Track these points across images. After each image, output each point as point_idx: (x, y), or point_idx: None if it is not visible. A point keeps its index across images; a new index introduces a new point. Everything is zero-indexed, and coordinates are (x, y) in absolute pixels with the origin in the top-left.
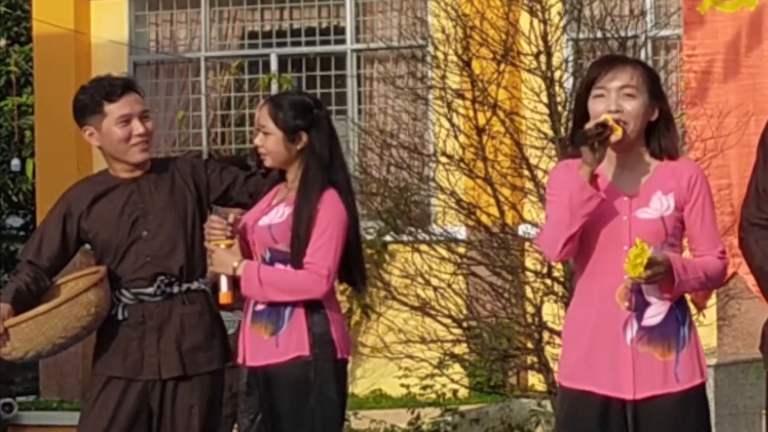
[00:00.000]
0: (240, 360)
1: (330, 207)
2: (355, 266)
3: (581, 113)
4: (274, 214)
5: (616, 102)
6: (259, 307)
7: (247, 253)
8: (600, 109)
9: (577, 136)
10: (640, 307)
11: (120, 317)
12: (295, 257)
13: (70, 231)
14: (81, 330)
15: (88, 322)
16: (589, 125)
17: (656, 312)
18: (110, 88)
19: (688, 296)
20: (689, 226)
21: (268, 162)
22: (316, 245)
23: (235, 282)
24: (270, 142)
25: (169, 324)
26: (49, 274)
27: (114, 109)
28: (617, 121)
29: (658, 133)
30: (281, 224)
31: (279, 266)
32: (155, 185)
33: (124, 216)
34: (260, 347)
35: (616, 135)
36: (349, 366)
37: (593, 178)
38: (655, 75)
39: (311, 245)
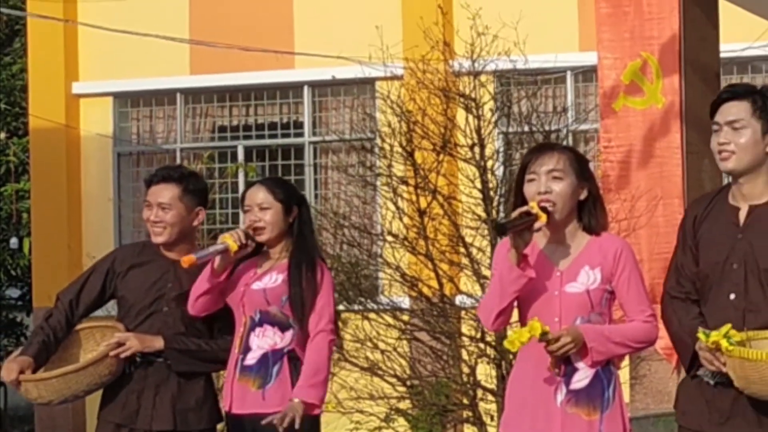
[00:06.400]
0: (226, 407)
1: (327, 275)
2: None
3: (518, 196)
4: (268, 279)
5: (545, 184)
6: (249, 362)
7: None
8: (532, 191)
9: (497, 226)
10: (569, 372)
11: (127, 371)
12: (300, 321)
13: (108, 286)
14: (99, 385)
15: (107, 379)
16: (514, 213)
17: (583, 377)
18: (152, 176)
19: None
20: (618, 296)
21: (265, 234)
22: (322, 310)
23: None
24: (269, 215)
25: (167, 383)
26: (77, 319)
27: (148, 193)
28: (543, 208)
29: (588, 211)
30: (275, 289)
31: (267, 327)
32: (190, 274)
33: (152, 290)
34: (246, 397)
35: (540, 221)
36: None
37: (522, 258)
38: (583, 159)
39: (318, 310)
